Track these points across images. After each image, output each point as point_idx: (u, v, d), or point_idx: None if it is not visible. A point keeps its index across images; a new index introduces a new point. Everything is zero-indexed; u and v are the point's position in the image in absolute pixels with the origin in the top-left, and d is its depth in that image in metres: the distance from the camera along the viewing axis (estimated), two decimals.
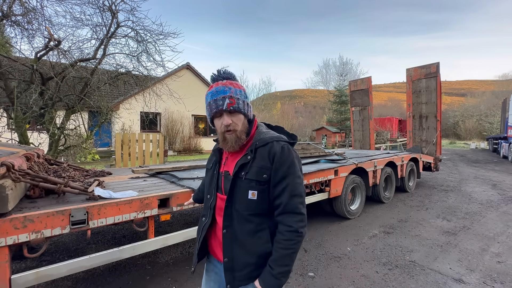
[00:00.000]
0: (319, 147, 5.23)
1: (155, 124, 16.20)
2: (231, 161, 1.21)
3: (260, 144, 1.14)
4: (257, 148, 1.13)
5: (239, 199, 1.13)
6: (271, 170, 1.10)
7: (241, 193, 1.13)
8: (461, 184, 7.80)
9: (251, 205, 1.12)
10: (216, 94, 1.13)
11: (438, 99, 7.39)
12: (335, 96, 29.43)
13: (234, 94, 1.13)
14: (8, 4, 4.70)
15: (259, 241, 1.13)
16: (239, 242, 1.14)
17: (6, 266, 1.65)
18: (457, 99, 70.35)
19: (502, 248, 3.53)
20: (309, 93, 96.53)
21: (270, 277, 1.08)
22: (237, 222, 1.14)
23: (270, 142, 1.14)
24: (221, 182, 1.22)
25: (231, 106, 1.11)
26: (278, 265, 1.08)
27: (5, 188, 1.60)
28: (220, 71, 1.19)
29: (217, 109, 1.12)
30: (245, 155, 1.14)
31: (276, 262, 1.08)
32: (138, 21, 5.82)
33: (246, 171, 1.12)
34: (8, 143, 4.63)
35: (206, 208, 1.28)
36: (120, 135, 6.43)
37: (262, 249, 1.12)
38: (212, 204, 1.23)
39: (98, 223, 2.01)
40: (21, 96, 4.98)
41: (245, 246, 1.13)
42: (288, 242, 1.08)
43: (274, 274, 1.07)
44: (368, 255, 3.30)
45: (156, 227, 2.41)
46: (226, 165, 1.23)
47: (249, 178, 1.11)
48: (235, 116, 1.14)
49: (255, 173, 1.11)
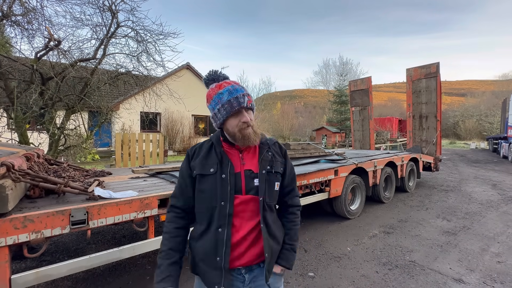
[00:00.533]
0: (319, 147, 5.24)
1: (155, 124, 16.20)
2: (249, 159, 1.23)
3: (271, 143, 1.31)
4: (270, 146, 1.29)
5: (269, 192, 1.21)
6: (285, 164, 1.32)
7: (270, 186, 1.22)
8: (461, 184, 7.80)
9: (275, 196, 1.26)
10: (235, 92, 1.16)
11: (438, 99, 7.39)
12: (335, 96, 29.46)
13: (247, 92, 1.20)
14: (8, 4, 4.70)
15: (279, 227, 1.29)
16: (272, 233, 1.22)
17: (6, 266, 1.65)
18: (457, 99, 70.35)
19: (502, 248, 3.53)
20: (309, 93, 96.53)
21: (291, 253, 1.28)
22: (268, 214, 1.21)
23: (275, 141, 1.35)
24: (241, 182, 1.17)
25: (250, 104, 1.18)
26: (294, 240, 1.30)
27: (5, 188, 1.60)
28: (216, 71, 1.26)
29: (239, 106, 1.15)
30: (266, 152, 1.25)
31: (292, 238, 1.30)
32: (138, 21, 5.83)
33: (273, 165, 1.24)
34: (8, 143, 4.64)
35: (223, 216, 1.13)
36: (120, 135, 6.43)
37: (281, 235, 1.28)
38: (230, 211, 1.13)
39: (98, 223, 2.01)
40: (21, 96, 4.98)
41: (275, 235, 1.23)
42: (298, 219, 1.35)
43: (293, 249, 1.29)
44: (368, 255, 3.30)
45: (156, 227, 2.41)
46: (246, 164, 1.21)
47: (276, 171, 1.25)
48: (250, 114, 1.20)
49: (278, 167, 1.26)
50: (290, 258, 1.27)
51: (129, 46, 6.17)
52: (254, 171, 1.20)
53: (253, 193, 1.17)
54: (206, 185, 1.17)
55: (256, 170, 1.20)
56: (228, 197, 1.13)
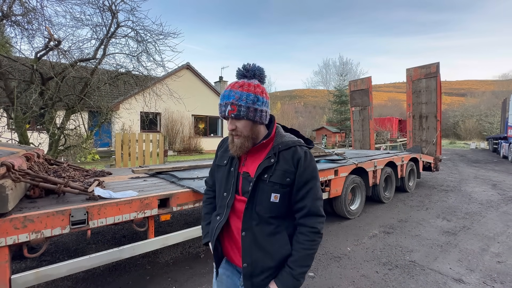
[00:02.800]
0: (319, 147, 5.24)
1: (155, 124, 16.20)
2: (251, 162, 1.18)
3: (283, 147, 1.14)
4: (280, 151, 1.14)
5: (261, 201, 1.12)
6: (295, 174, 1.12)
7: (263, 196, 1.12)
8: (461, 184, 7.80)
9: (272, 208, 1.13)
10: (222, 98, 1.12)
11: (438, 99, 7.39)
12: (335, 96, 29.45)
13: (238, 100, 1.08)
14: (8, 4, 4.70)
15: (278, 243, 1.14)
16: (259, 245, 1.12)
17: (6, 266, 1.65)
18: (457, 99, 70.36)
19: (502, 248, 3.53)
20: (309, 93, 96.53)
21: (290, 278, 1.09)
22: (256, 224, 1.12)
23: (293, 146, 1.15)
24: (239, 183, 1.18)
25: (232, 114, 1.09)
26: (299, 265, 1.10)
27: (5, 188, 1.60)
28: (246, 66, 1.16)
29: (221, 114, 1.14)
30: (268, 158, 1.13)
31: (296, 262, 1.10)
32: (138, 21, 5.82)
33: (270, 174, 1.11)
34: (8, 143, 4.64)
35: (222, 206, 1.21)
36: (120, 135, 6.43)
37: (281, 252, 1.13)
38: (230, 203, 1.17)
39: (98, 223, 2.01)
40: (21, 96, 4.98)
41: (264, 248, 1.12)
42: (311, 243, 1.11)
43: (294, 275, 1.09)
44: (368, 255, 3.30)
45: (156, 227, 2.41)
46: (246, 166, 1.18)
47: (273, 181, 1.11)
48: (240, 122, 1.11)
49: (279, 176, 1.11)
50: (286, 281, 1.09)
51: (129, 46, 6.17)
52: (251, 175, 1.15)
53: (246, 196, 1.14)
54: (219, 175, 1.28)
55: (253, 174, 1.14)
56: (231, 189, 1.18)
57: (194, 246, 3.47)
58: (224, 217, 1.18)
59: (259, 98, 1.11)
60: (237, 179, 1.18)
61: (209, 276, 2.74)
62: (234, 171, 1.19)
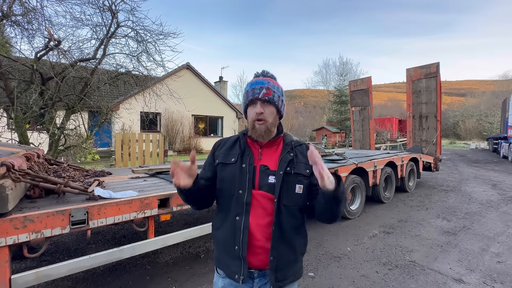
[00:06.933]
0: (319, 147, 5.24)
1: (155, 124, 16.19)
2: (268, 156, 1.21)
3: (296, 144, 1.26)
4: (295, 147, 1.25)
5: (287, 194, 1.16)
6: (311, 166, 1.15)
7: (289, 188, 1.16)
8: (461, 184, 7.80)
9: (298, 199, 1.17)
10: (255, 84, 1.19)
11: (438, 99, 7.39)
12: (335, 96, 29.42)
13: (272, 87, 1.18)
14: (8, 4, 4.70)
15: (300, 236, 1.22)
16: (286, 238, 1.16)
17: (6, 266, 1.65)
18: (457, 99, 70.40)
19: (502, 248, 3.53)
20: (309, 93, 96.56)
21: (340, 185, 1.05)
22: (284, 218, 1.15)
23: (303, 143, 1.29)
24: (256, 177, 1.18)
25: (266, 96, 1.16)
26: None
27: (5, 188, 1.60)
28: (265, 70, 1.27)
29: (253, 96, 1.16)
30: (287, 152, 1.21)
31: None
32: (138, 21, 5.83)
33: (293, 166, 1.18)
34: (8, 143, 4.64)
35: (241, 204, 1.15)
36: (120, 135, 6.43)
37: (302, 244, 1.23)
38: (248, 199, 1.15)
39: (98, 223, 2.01)
40: (21, 96, 4.98)
41: (290, 242, 1.17)
42: None
43: None
44: (368, 255, 3.30)
45: (156, 227, 2.41)
46: (263, 160, 1.21)
47: (297, 172, 1.18)
48: (268, 108, 1.17)
49: (301, 168, 1.19)
50: None
51: (129, 46, 6.17)
52: (270, 168, 1.18)
53: (265, 189, 1.15)
54: (226, 174, 1.22)
55: (272, 168, 1.18)
56: (246, 186, 1.16)
57: (194, 246, 3.47)
58: (245, 215, 1.15)
59: (283, 94, 1.25)
60: (253, 174, 1.18)
61: (209, 276, 2.74)
62: (248, 166, 1.18)
